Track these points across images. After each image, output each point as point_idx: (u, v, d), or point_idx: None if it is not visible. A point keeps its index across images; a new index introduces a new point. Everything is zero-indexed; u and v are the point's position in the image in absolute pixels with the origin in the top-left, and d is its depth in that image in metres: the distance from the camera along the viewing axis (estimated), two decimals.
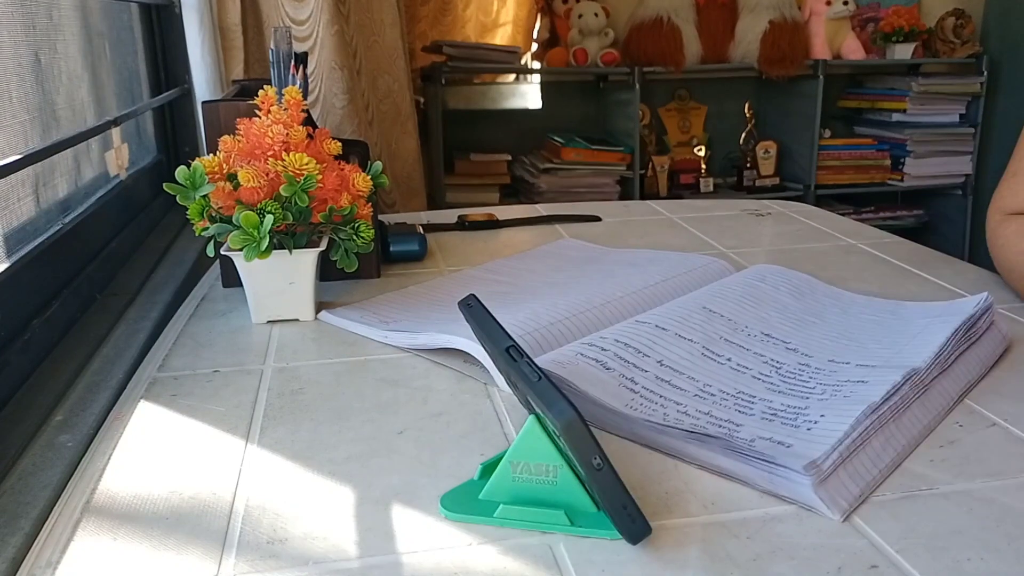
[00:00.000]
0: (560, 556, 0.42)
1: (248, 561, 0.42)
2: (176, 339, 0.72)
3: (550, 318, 0.67)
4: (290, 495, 0.48)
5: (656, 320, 0.65)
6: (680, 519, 0.45)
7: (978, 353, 0.62)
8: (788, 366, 0.60)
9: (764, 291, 0.72)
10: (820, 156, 2.78)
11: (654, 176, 2.79)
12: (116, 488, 0.49)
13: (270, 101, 0.74)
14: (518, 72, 2.81)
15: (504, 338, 0.48)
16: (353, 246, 0.75)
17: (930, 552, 0.41)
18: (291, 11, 1.50)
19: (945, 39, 2.84)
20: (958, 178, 2.85)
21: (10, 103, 0.79)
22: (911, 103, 2.78)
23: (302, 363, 0.67)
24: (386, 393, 0.61)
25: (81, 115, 1.02)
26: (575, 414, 0.40)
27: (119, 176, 1.12)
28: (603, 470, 0.40)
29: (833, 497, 0.45)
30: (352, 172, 0.75)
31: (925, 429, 0.53)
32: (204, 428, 0.56)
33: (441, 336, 0.65)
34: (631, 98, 2.63)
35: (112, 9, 1.19)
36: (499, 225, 1.10)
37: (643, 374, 0.58)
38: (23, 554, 0.44)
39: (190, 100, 1.41)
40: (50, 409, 0.62)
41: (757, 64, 2.65)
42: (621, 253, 0.92)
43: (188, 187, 0.70)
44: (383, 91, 1.75)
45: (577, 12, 2.63)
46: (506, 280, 0.84)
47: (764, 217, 1.16)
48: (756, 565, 0.40)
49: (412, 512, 0.46)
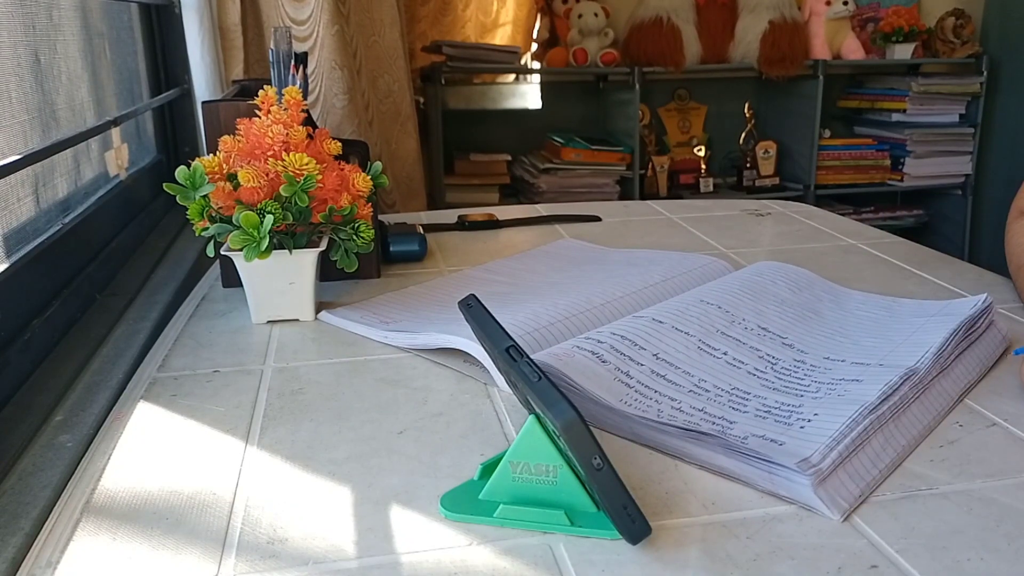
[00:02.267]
0: (560, 556, 0.42)
1: (248, 561, 0.42)
2: (176, 339, 0.72)
3: (550, 318, 0.67)
4: (290, 495, 0.48)
5: (653, 313, 0.65)
6: (680, 519, 0.45)
7: (978, 353, 0.62)
8: (784, 362, 0.60)
9: (762, 284, 0.72)
10: (820, 156, 2.78)
11: (654, 176, 2.79)
12: (116, 488, 0.49)
13: (270, 101, 0.74)
14: (518, 72, 2.81)
15: (504, 338, 0.48)
16: (353, 246, 0.75)
17: (930, 552, 0.41)
18: (291, 11, 1.50)
19: (945, 39, 2.84)
20: (958, 178, 2.85)
21: (10, 103, 0.79)
22: (911, 103, 2.78)
23: (302, 363, 0.67)
24: (386, 393, 0.61)
25: (81, 115, 1.02)
26: (575, 414, 0.40)
27: (119, 176, 1.12)
28: (603, 470, 0.40)
29: (833, 497, 0.45)
30: (352, 172, 0.75)
31: (925, 429, 0.53)
32: (204, 428, 0.56)
33: (441, 336, 0.65)
34: (631, 98, 2.63)
35: (112, 9, 1.18)
36: (499, 225, 1.10)
37: (639, 368, 0.58)
38: (23, 554, 0.44)
39: (190, 100, 1.41)
40: (50, 409, 0.62)
41: (757, 64, 2.65)
42: (621, 253, 0.92)
43: (188, 187, 0.70)
44: (383, 91, 1.75)
45: (577, 12, 2.63)
46: (506, 280, 0.84)
47: (764, 217, 1.16)
48: (756, 565, 0.40)
49: (412, 512, 0.46)
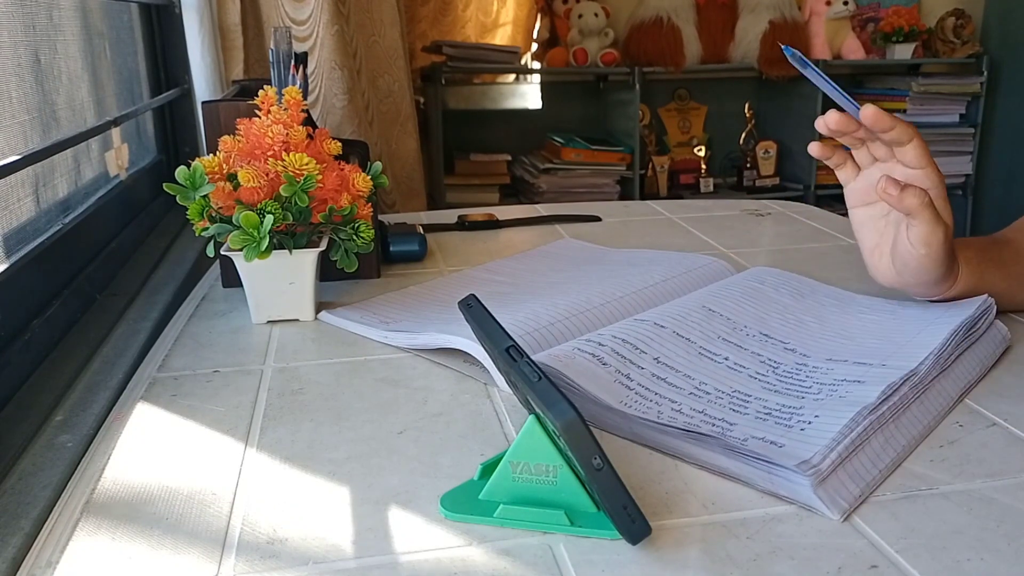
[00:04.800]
0: (560, 556, 0.42)
1: (248, 561, 0.42)
2: (176, 339, 0.72)
3: (550, 318, 0.67)
4: (290, 495, 0.47)
5: (654, 318, 0.65)
6: (680, 519, 0.44)
7: (978, 353, 0.62)
8: (785, 366, 0.60)
9: (765, 292, 0.72)
10: None
11: (654, 176, 2.80)
12: (116, 488, 0.49)
13: (270, 101, 0.74)
14: (518, 72, 2.81)
15: (504, 338, 0.48)
16: (353, 246, 0.75)
17: (930, 552, 0.41)
18: (291, 11, 1.50)
19: (945, 39, 2.84)
20: (958, 178, 2.85)
21: (10, 103, 0.79)
22: (911, 103, 2.78)
23: (302, 363, 0.67)
24: (386, 393, 0.61)
25: (81, 115, 1.02)
26: (575, 414, 0.40)
27: (119, 176, 1.12)
28: (603, 470, 0.40)
29: (833, 497, 0.45)
30: (352, 172, 0.75)
31: (925, 429, 0.53)
32: (204, 428, 0.56)
33: (441, 336, 0.65)
34: (631, 98, 2.63)
35: (112, 9, 1.19)
36: (499, 225, 1.10)
37: (639, 370, 0.58)
38: (23, 554, 0.44)
39: (190, 100, 1.41)
40: (50, 409, 0.62)
41: (757, 64, 2.65)
42: (621, 253, 0.92)
43: (188, 187, 0.70)
44: (383, 91, 1.75)
45: (577, 12, 2.63)
46: (506, 280, 0.84)
47: (764, 217, 1.16)
48: (756, 565, 0.40)
49: (412, 512, 0.46)
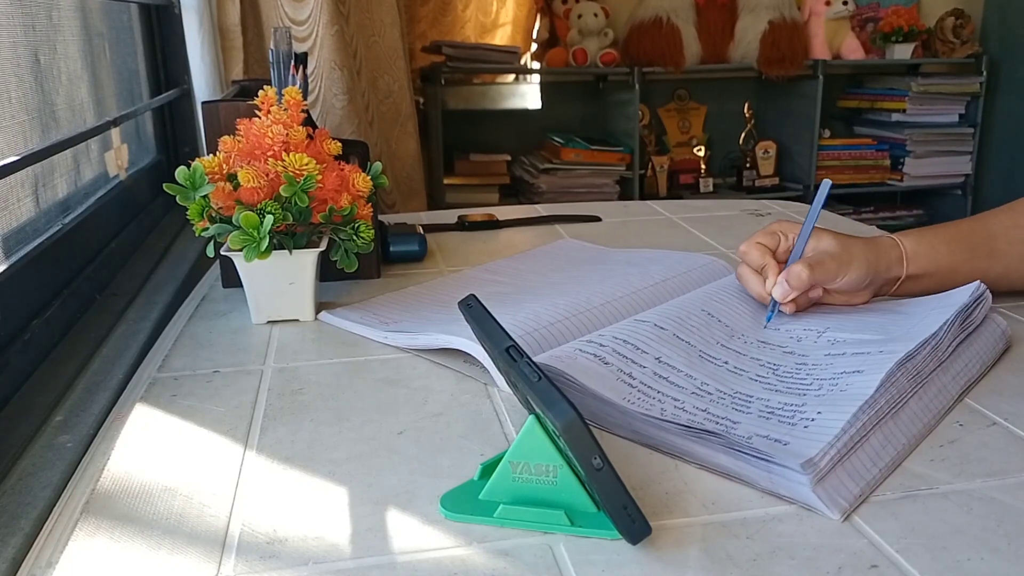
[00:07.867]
0: (560, 556, 0.42)
1: (247, 561, 0.42)
2: (176, 339, 0.72)
3: (550, 318, 0.67)
4: (290, 495, 0.47)
5: (655, 319, 0.65)
6: (680, 519, 0.44)
7: (976, 347, 0.62)
8: (785, 367, 0.60)
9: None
10: (820, 156, 2.78)
11: (654, 176, 2.80)
12: (116, 488, 0.49)
13: (270, 101, 0.74)
14: (518, 72, 2.81)
15: (504, 338, 0.48)
16: (353, 246, 0.75)
17: (930, 552, 0.41)
18: (291, 11, 1.50)
19: (945, 39, 2.84)
20: (957, 178, 2.85)
21: (10, 103, 0.79)
22: (910, 103, 2.78)
23: (302, 363, 0.67)
24: (386, 393, 0.61)
25: (81, 115, 1.02)
26: (575, 414, 0.40)
27: (119, 176, 1.12)
28: (603, 470, 0.40)
29: (833, 497, 0.45)
30: (352, 172, 0.75)
31: (925, 428, 0.53)
32: (204, 428, 0.56)
33: (441, 336, 0.65)
34: (631, 98, 2.63)
35: (112, 9, 1.18)
36: (499, 225, 1.10)
37: (641, 369, 0.58)
38: (23, 554, 0.44)
39: (190, 100, 1.41)
40: (50, 409, 0.62)
41: (757, 64, 2.65)
42: (621, 253, 0.92)
43: (188, 187, 0.70)
44: (383, 91, 1.75)
45: (576, 12, 2.63)
46: (506, 280, 0.84)
47: (764, 217, 1.16)
48: (756, 565, 0.40)
49: (411, 512, 0.46)
